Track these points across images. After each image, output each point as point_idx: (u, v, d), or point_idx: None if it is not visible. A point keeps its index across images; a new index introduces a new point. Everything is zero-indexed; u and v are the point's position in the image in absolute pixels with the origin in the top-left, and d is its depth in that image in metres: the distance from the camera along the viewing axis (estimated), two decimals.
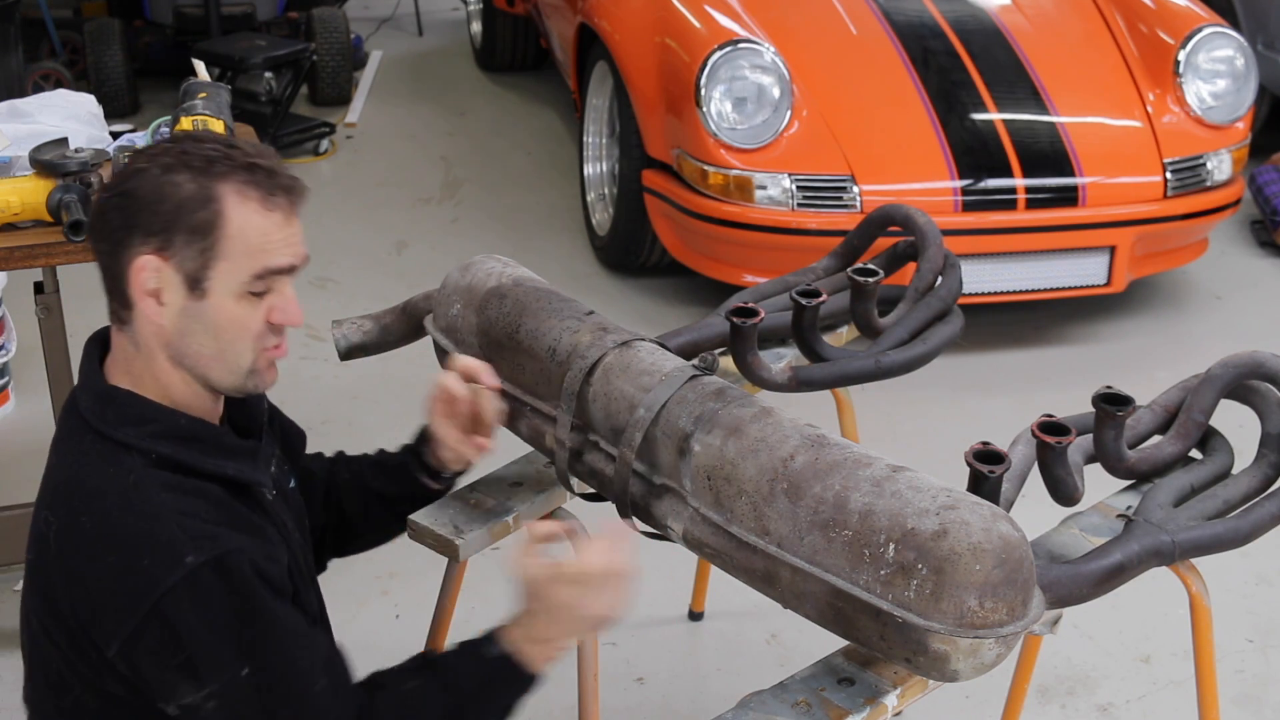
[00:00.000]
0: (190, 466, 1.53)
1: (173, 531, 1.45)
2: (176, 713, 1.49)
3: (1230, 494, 1.89)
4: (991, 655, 1.50)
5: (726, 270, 4.04)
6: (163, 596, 1.43)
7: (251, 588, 1.47)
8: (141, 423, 1.53)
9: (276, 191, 1.51)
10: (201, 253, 1.49)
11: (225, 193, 1.49)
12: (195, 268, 1.49)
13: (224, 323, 1.52)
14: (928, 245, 2.31)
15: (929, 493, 1.52)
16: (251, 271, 1.50)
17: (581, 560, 1.58)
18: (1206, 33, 4.20)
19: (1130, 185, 4.00)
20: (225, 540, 1.47)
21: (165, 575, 1.43)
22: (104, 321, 1.62)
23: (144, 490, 1.48)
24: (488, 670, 1.58)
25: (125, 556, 1.45)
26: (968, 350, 4.04)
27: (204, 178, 1.49)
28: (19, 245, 2.35)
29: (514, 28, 6.61)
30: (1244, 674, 2.79)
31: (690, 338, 2.17)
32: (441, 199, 5.31)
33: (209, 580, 1.44)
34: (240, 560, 1.47)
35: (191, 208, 1.48)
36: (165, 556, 1.44)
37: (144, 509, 1.47)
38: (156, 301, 1.51)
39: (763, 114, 3.93)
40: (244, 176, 1.50)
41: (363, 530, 1.96)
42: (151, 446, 1.52)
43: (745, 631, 2.89)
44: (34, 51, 6.31)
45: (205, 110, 2.55)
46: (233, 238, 1.49)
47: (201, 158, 1.50)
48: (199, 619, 1.44)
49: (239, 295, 1.51)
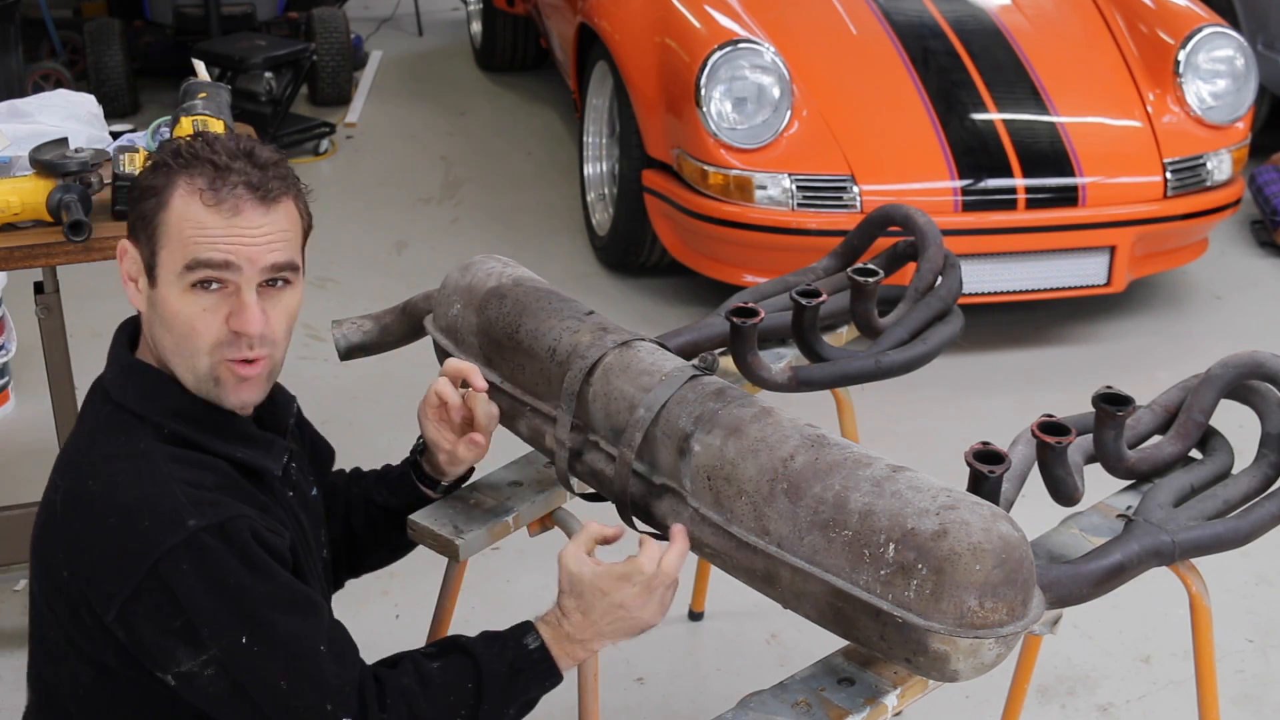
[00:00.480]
0: (200, 445, 1.54)
1: (176, 498, 1.46)
2: (173, 683, 1.48)
3: (1230, 494, 1.89)
4: (991, 655, 1.50)
5: (726, 270, 4.04)
6: (161, 558, 1.43)
7: (253, 552, 1.47)
8: (158, 397, 1.55)
9: (223, 187, 1.51)
10: (149, 239, 1.53)
11: (177, 183, 1.52)
12: (148, 255, 1.54)
13: (170, 315, 1.53)
14: (928, 245, 2.31)
15: (929, 493, 1.52)
16: (184, 261, 1.51)
17: (638, 561, 1.57)
18: (1206, 33, 4.20)
19: (1130, 185, 4.00)
20: (228, 507, 1.48)
21: (165, 537, 1.44)
22: (104, 321, 1.65)
23: (151, 459, 1.50)
24: (522, 659, 1.57)
25: (127, 519, 1.46)
26: (968, 350, 4.04)
27: (169, 171, 1.53)
28: (19, 245, 2.35)
29: (514, 28, 6.61)
30: (1244, 674, 2.79)
31: (690, 338, 2.17)
32: (441, 199, 5.31)
33: (210, 543, 1.45)
34: (242, 525, 1.48)
35: (147, 195, 1.53)
36: (167, 520, 1.45)
37: (149, 475, 1.48)
38: (135, 287, 1.57)
39: (763, 114, 3.93)
40: (199, 169, 1.52)
41: (371, 546, 1.95)
42: (164, 421, 1.54)
43: (745, 631, 2.89)
44: (34, 51, 6.31)
45: (205, 110, 2.55)
46: (170, 225, 1.52)
47: (181, 154, 1.53)
48: (198, 581, 1.44)
49: (181, 288, 1.52)
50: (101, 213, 2.39)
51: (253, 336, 1.54)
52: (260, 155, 1.55)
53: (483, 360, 1.98)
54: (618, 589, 1.56)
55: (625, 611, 1.57)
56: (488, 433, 1.87)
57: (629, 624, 1.58)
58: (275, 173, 1.55)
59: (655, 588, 1.57)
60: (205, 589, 1.44)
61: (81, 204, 2.33)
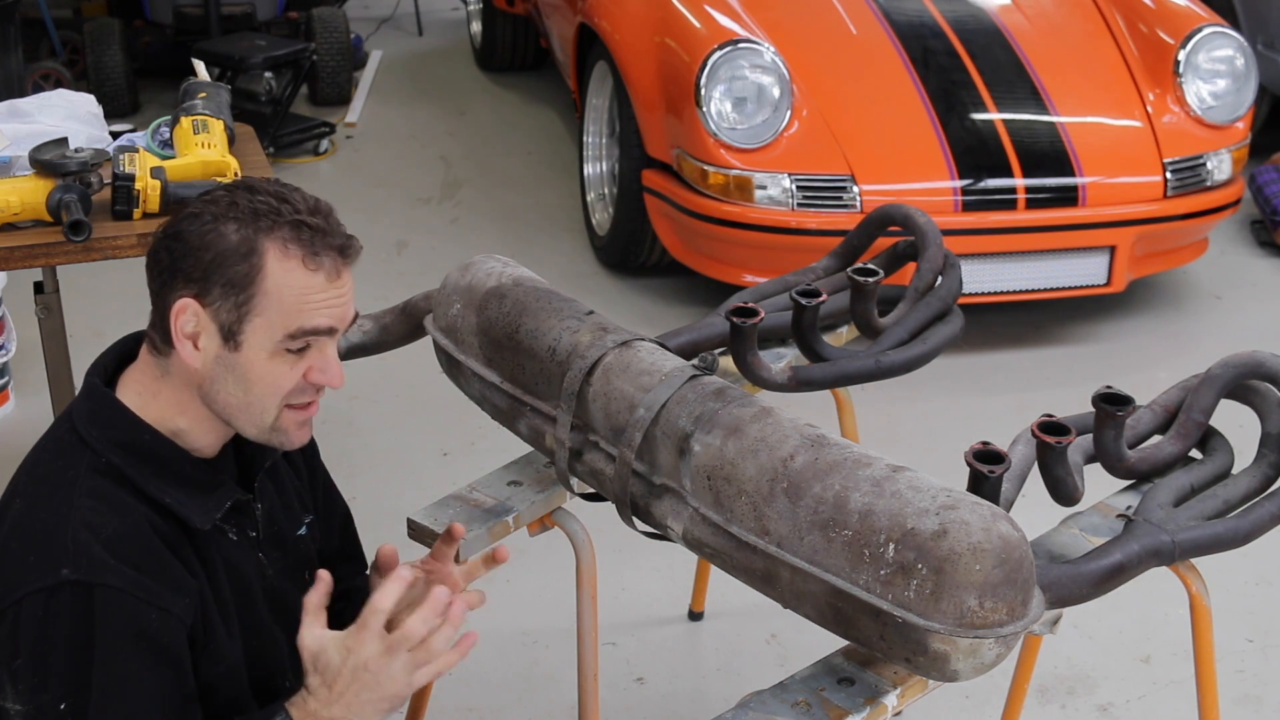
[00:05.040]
0: (131, 482, 1.50)
1: (68, 540, 1.42)
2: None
3: (1230, 494, 1.89)
4: (991, 655, 1.50)
5: (726, 270, 4.04)
6: (27, 595, 1.41)
7: (110, 632, 1.41)
8: (106, 427, 1.52)
9: (322, 251, 1.49)
10: (238, 306, 1.48)
11: (268, 247, 1.47)
12: (231, 320, 1.48)
13: (254, 377, 1.50)
14: (928, 245, 2.31)
15: (929, 493, 1.52)
16: (286, 330, 1.49)
17: (371, 602, 1.47)
18: (1206, 33, 4.20)
19: (1130, 185, 4.00)
20: (109, 574, 1.42)
21: (37, 578, 1.41)
22: (104, 321, 1.63)
23: (72, 490, 1.47)
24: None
25: (22, 546, 1.44)
26: (968, 350, 4.04)
27: (249, 230, 1.47)
28: (19, 245, 2.35)
29: (514, 28, 6.61)
30: (1244, 674, 2.79)
31: (690, 338, 2.17)
32: (441, 199, 5.31)
33: (69, 601, 1.41)
34: (112, 599, 1.42)
35: (232, 260, 1.47)
36: (47, 560, 1.42)
37: (58, 507, 1.46)
38: (194, 345, 1.50)
39: (763, 114, 3.93)
40: (289, 233, 1.48)
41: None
42: (104, 451, 1.50)
43: (745, 631, 2.89)
44: (34, 51, 6.31)
45: (205, 110, 2.55)
46: (269, 294, 1.47)
47: (250, 210, 1.48)
48: (40, 633, 1.41)
49: (272, 352, 1.49)
50: (101, 213, 2.39)
51: (336, 388, 1.55)
52: (325, 210, 1.53)
53: (483, 360, 1.98)
54: (359, 645, 1.47)
55: (370, 675, 1.47)
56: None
57: (377, 691, 1.48)
58: (343, 229, 1.54)
59: (397, 647, 1.47)
60: (43, 642, 1.41)
61: (81, 204, 2.33)
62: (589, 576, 1.98)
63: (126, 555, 1.45)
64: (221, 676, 1.55)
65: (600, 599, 2.05)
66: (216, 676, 1.54)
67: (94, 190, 2.39)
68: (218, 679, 1.54)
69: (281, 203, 1.50)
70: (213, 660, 1.54)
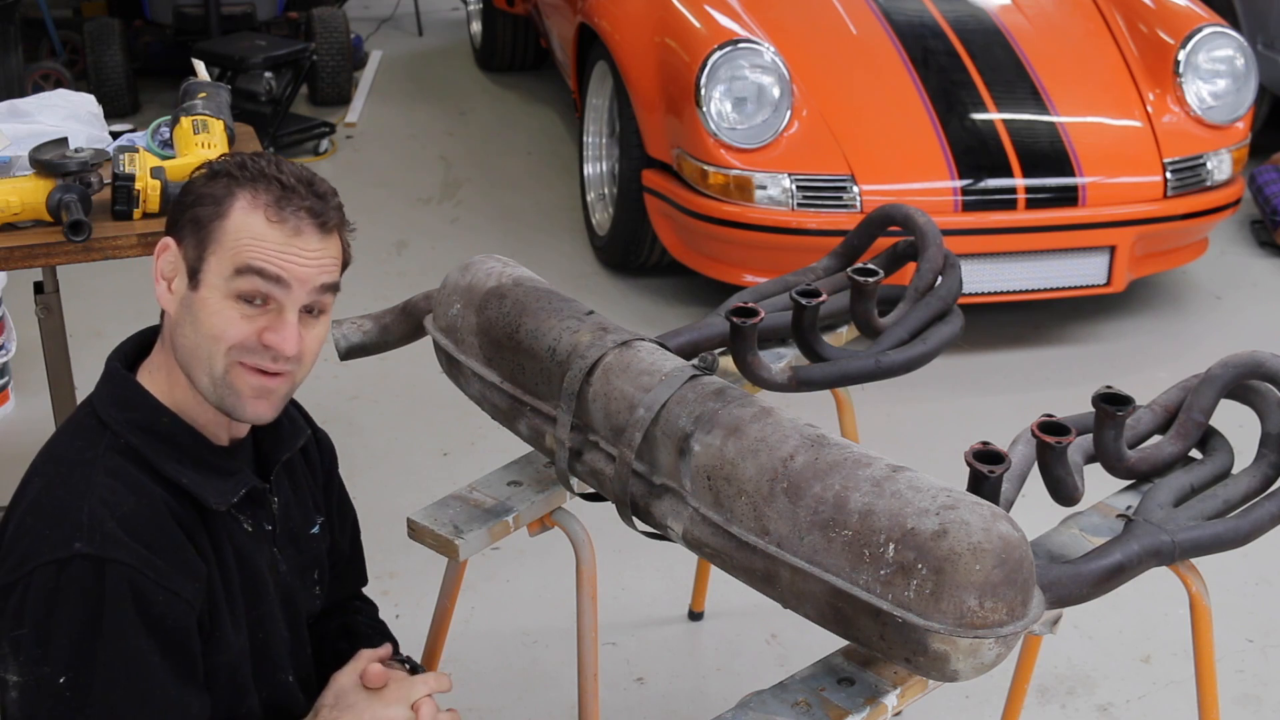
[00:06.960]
0: (149, 464, 1.52)
1: (83, 515, 1.44)
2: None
3: (1230, 494, 1.89)
4: (991, 655, 1.50)
5: (726, 270, 4.04)
6: (39, 566, 1.42)
7: (117, 608, 1.43)
8: (125, 408, 1.54)
9: (289, 207, 1.52)
10: (199, 243, 1.52)
11: (240, 194, 1.52)
12: (194, 258, 1.53)
13: (204, 317, 1.52)
14: (928, 245, 2.31)
15: (929, 493, 1.52)
16: (234, 265, 1.50)
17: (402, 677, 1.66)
18: (1206, 33, 4.20)
19: (1130, 185, 4.00)
20: (121, 551, 1.43)
21: (50, 550, 1.43)
22: (104, 321, 1.65)
23: (90, 469, 1.49)
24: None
25: (38, 521, 1.46)
26: (968, 350, 4.04)
27: (232, 182, 1.53)
28: (19, 245, 2.35)
29: (514, 28, 6.61)
30: (1244, 674, 2.79)
31: (690, 338, 2.17)
32: (441, 199, 5.31)
33: (79, 574, 1.42)
34: (122, 575, 1.43)
35: (206, 202, 1.53)
36: (63, 533, 1.43)
37: (76, 484, 1.48)
38: (169, 287, 1.56)
39: (763, 114, 3.93)
40: (262, 186, 1.52)
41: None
42: (123, 432, 1.52)
43: (745, 631, 2.89)
44: (34, 51, 6.32)
45: (205, 110, 2.55)
46: (227, 232, 1.51)
47: (247, 168, 1.53)
48: (49, 604, 1.42)
49: (225, 293, 1.51)
50: (101, 213, 2.39)
51: (287, 355, 1.53)
52: (319, 185, 1.57)
53: (483, 360, 1.98)
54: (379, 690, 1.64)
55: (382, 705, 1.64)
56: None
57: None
58: (333, 203, 1.57)
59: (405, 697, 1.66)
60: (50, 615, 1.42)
61: (81, 204, 2.33)
62: (589, 576, 1.98)
63: (140, 534, 1.46)
64: (224, 665, 1.56)
65: (600, 599, 2.05)
66: (219, 665, 1.55)
67: (94, 190, 2.39)
68: (221, 667, 1.55)
69: (273, 165, 1.55)
70: (217, 648, 1.55)
